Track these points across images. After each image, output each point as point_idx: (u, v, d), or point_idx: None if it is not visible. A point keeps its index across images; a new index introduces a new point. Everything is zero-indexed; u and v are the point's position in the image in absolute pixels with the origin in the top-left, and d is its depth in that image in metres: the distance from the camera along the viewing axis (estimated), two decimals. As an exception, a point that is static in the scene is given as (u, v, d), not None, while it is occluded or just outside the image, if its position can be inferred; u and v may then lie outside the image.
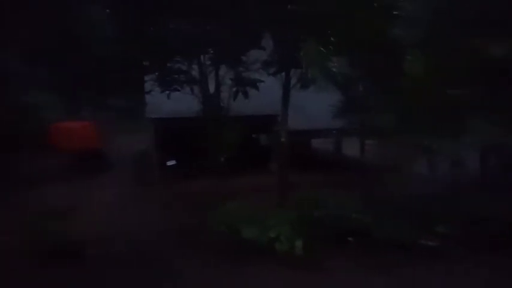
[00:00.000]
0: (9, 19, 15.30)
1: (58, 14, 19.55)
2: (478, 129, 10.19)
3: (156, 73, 11.98)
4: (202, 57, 11.87)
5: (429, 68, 10.17)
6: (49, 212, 11.21)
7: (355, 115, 11.45)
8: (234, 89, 11.89)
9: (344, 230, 9.52)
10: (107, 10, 13.31)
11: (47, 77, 24.10)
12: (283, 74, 10.76)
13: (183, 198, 13.48)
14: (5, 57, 18.52)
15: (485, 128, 10.12)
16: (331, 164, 17.66)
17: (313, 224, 9.60)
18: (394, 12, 9.58)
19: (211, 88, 12.50)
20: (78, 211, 12.09)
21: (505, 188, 11.38)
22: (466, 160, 11.45)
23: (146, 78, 12.90)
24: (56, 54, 21.33)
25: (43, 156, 17.10)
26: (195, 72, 12.12)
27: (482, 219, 9.57)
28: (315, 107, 15.46)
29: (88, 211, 12.35)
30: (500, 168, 13.03)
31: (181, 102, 13.84)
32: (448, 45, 10.49)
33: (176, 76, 11.89)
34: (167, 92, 12.28)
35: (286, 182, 11.52)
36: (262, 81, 11.84)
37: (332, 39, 9.03)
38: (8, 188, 13.44)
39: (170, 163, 15.34)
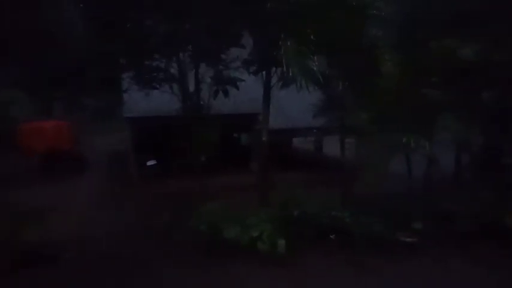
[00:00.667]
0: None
1: (30, 11, 18.89)
2: (449, 127, 10.52)
3: (134, 71, 11.70)
4: (181, 55, 11.67)
5: (404, 68, 10.46)
6: (19, 214, 10.79)
7: (334, 114, 11.54)
8: (214, 88, 11.77)
9: (324, 228, 9.67)
10: (82, 6, 12.93)
11: (17, 75, 23.23)
12: (264, 72, 10.71)
13: (163, 198, 13.28)
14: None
15: (456, 127, 10.46)
16: (312, 163, 17.83)
17: (294, 223, 9.66)
18: (371, 12, 9.72)
19: (191, 86, 12.33)
20: (49, 213, 11.69)
21: (476, 185, 11.81)
22: (441, 158, 11.80)
23: (123, 76, 12.58)
24: (27, 51, 20.59)
25: (12, 157, 16.45)
26: (174, 70, 11.91)
27: (453, 216, 9.92)
28: (295, 106, 15.55)
29: (60, 213, 11.96)
30: (472, 166, 13.47)
31: (160, 101, 13.62)
32: (420, 45, 10.80)
33: (154, 74, 11.65)
34: (145, 90, 12.02)
35: (267, 181, 11.50)
36: (243, 80, 11.79)
37: (312, 38, 9.06)
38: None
39: (150, 163, 15.06)
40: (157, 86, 11.94)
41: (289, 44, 8.88)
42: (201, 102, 12.24)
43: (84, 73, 14.42)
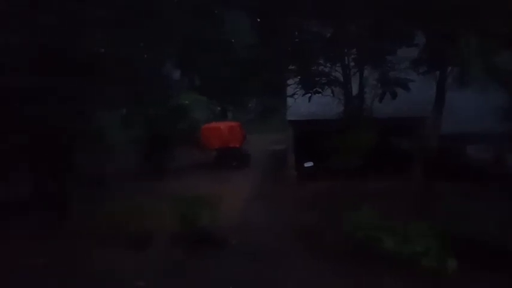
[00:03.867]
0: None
1: (205, 23, 21.71)
2: None
3: (299, 76, 12.22)
4: (346, 58, 11.62)
5: None
6: (197, 201, 12.39)
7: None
8: (381, 90, 11.25)
9: (499, 249, 8.13)
10: (252, 16, 14.17)
11: (198, 82, 27.22)
12: (436, 72, 9.74)
13: (317, 198, 13.50)
14: (162, 67, 21.29)
15: None
16: (489, 174, 15.25)
17: (463, 240, 8.44)
18: None
19: (354, 90, 12.16)
20: (222, 202, 13.11)
21: None
22: None
23: (288, 81, 13.28)
24: (203, 60, 23.90)
25: (194, 152, 19.24)
26: (337, 73, 11.95)
27: None
28: (469, 108, 13.66)
29: (230, 203, 13.29)
30: None
31: (320, 104, 13.90)
32: None
33: (317, 79, 11.93)
34: (308, 94, 12.41)
35: (429, 190, 10.42)
36: (413, 81, 10.96)
37: (495, 31, 7.77)
38: (161, 178, 15.53)
39: (307, 164, 15.51)
40: (320, 90, 12.18)
41: (468, 39, 7.83)
42: (364, 106, 11.92)
43: (254, 79, 15.76)
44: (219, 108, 26.28)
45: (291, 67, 12.29)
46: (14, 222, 10.98)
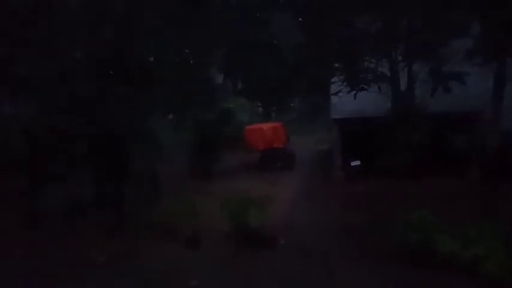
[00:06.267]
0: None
1: (241, 24, 21.86)
2: None
3: (344, 73, 12.01)
4: (393, 53, 11.24)
5: None
6: (245, 201, 12.53)
7: None
8: (432, 85, 10.76)
9: None
10: (296, 15, 14.12)
11: (241, 85, 27.55)
12: (493, 64, 9.12)
13: (367, 199, 13.15)
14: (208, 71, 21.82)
15: None
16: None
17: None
18: None
19: (402, 85, 11.72)
20: (270, 202, 13.14)
21: None
22: None
23: (333, 79, 13.09)
24: (247, 62, 24.09)
25: (239, 153, 19.47)
26: (384, 69, 11.59)
27: None
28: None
29: (277, 203, 13.31)
30: None
31: (366, 102, 13.54)
32: None
33: (363, 75, 11.64)
34: (354, 92, 12.16)
35: (491, 190, 9.77)
36: (468, 74, 10.36)
37: None
38: (209, 180, 15.89)
39: (354, 163, 15.20)
40: (367, 87, 11.88)
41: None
42: (413, 102, 11.45)
43: (298, 79, 15.71)
44: (261, 109, 26.46)
45: (336, 65, 12.07)
46: (74, 222, 11.71)
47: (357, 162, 15.14)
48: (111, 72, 10.90)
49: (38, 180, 12.11)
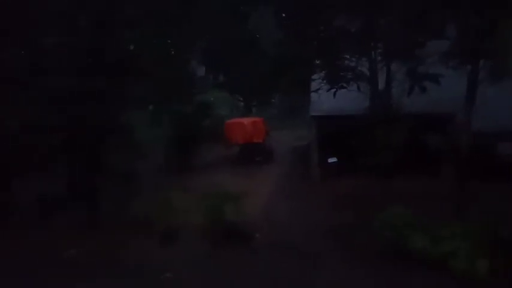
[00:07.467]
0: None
1: (227, 21, 21.77)
2: None
3: (324, 71, 12.06)
4: (373, 52, 11.37)
5: None
6: (222, 196, 12.47)
7: None
8: (409, 84, 10.92)
9: None
10: (277, 12, 14.08)
11: (222, 79, 27.42)
12: (467, 67, 9.37)
13: (341, 195, 13.35)
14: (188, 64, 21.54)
15: None
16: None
17: (499, 243, 8.17)
18: None
19: (380, 84, 11.88)
20: (248, 197, 13.15)
21: None
22: None
23: (313, 76, 13.11)
24: (231, 59, 23.97)
25: (218, 147, 19.39)
26: (363, 68, 11.70)
27: None
28: (504, 105, 13.12)
29: (254, 198, 13.32)
30: None
31: (344, 100, 13.66)
32: None
33: (342, 73, 11.73)
34: (333, 90, 12.23)
35: (463, 190, 10.09)
36: (443, 76, 10.60)
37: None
38: (187, 174, 15.75)
39: (331, 160, 15.36)
40: (346, 85, 11.98)
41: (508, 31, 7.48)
42: (390, 102, 11.64)
43: (279, 75, 15.70)
44: (242, 104, 26.40)
45: (316, 62, 12.11)
46: (51, 215, 11.45)
47: (334, 159, 15.31)
48: (88, 63, 10.55)
49: (10, 172, 11.75)
